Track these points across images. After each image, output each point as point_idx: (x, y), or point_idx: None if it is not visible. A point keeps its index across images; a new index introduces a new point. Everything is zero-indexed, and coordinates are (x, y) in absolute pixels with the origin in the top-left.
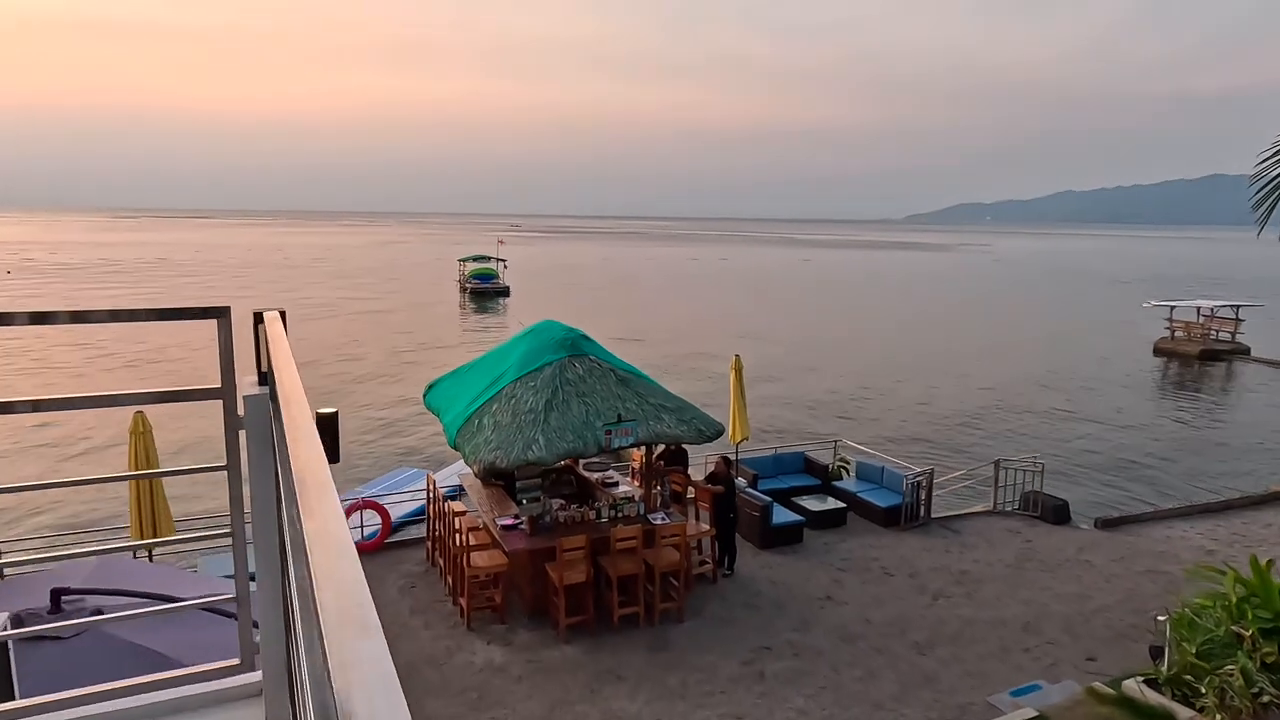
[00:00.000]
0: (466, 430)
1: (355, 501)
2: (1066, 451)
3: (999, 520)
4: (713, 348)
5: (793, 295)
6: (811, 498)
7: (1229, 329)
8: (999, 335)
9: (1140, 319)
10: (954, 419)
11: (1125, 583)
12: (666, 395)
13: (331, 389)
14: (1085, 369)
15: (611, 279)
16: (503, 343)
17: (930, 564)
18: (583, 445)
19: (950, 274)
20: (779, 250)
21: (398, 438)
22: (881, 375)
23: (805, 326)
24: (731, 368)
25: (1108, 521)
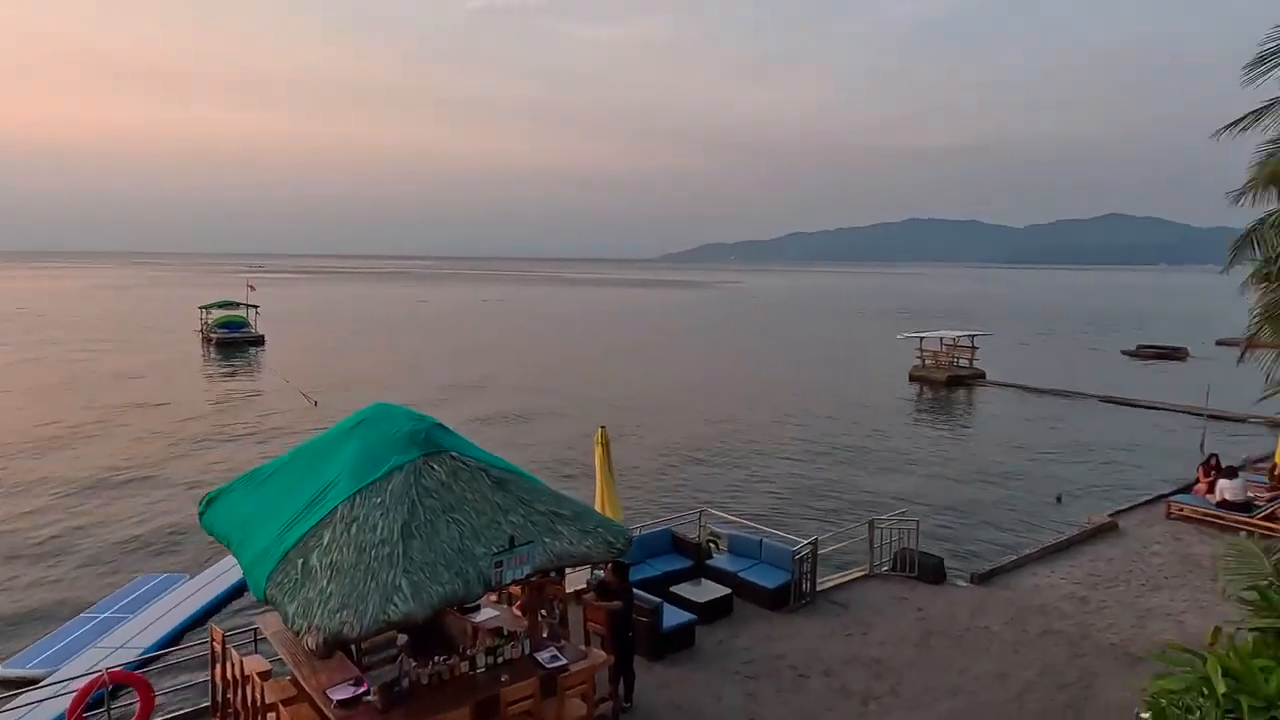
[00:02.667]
0: (284, 576)
1: (97, 677)
2: (873, 493)
3: (879, 585)
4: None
5: (569, 334)
6: (690, 585)
7: (967, 356)
8: (775, 371)
9: (893, 348)
10: (743, 461)
11: (1032, 652)
12: (556, 499)
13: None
14: (857, 398)
15: (392, 323)
16: (315, 435)
17: (839, 655)
18: (464, 586)
19: (715, 310)
20: (552, 288)
21: (120, 524)
22: (681, 418)
23: (587, 370)
24: (597, 441)
25: (981, 576)
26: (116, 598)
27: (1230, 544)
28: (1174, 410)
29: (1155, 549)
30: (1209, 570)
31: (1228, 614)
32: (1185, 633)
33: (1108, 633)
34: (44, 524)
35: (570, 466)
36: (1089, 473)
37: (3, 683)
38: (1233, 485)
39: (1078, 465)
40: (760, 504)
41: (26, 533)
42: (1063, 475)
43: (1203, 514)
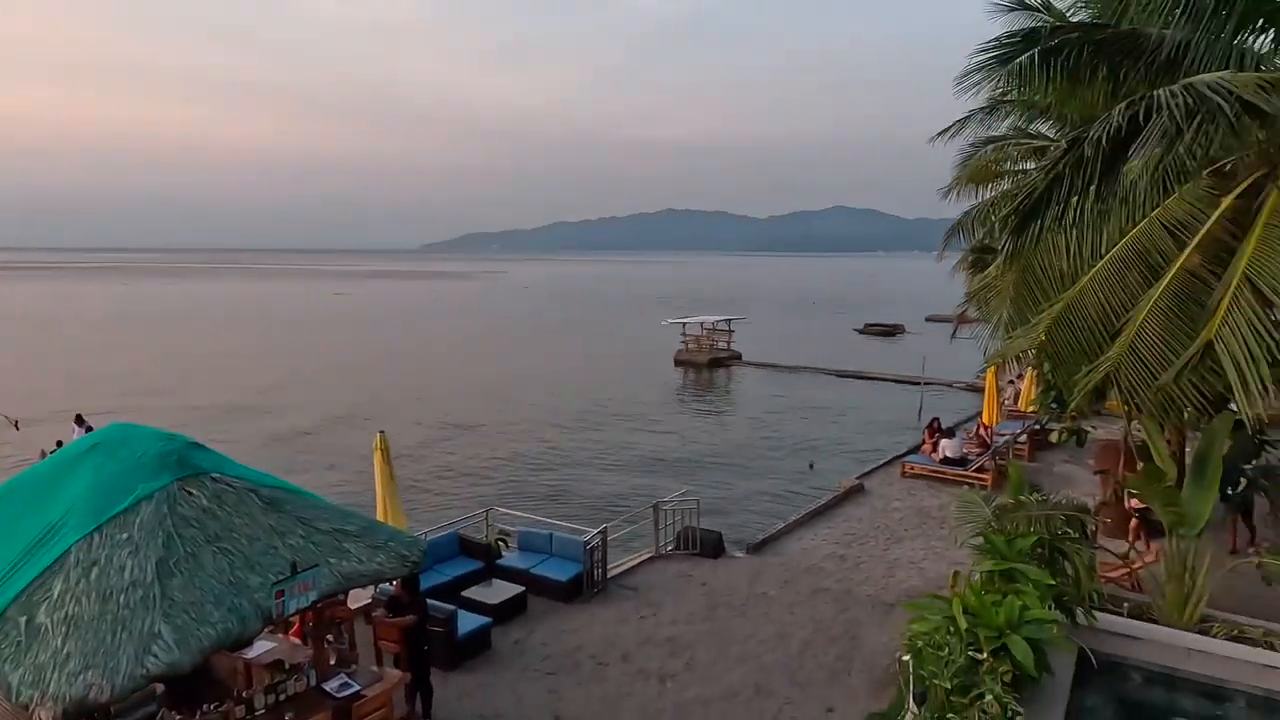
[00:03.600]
0: (3, 638)
1: None
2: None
3: (665, 565)
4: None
5: (327, 332)
6: (482, 587)
7: (725, 339)
8: (547, 361)
9: (658, 333)
10: (538, 453)
11: (805, 611)
12: (340, 515)
13: None
14: (628, 384)
15: (107, 322)
16: (32, 464)
17: (634, 638)
18: (240, 623)
19: (481, 302)
20: (302, 283)
21: None
22: (456, 416)
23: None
24: (376, 447)
25: (755, 546)
26: None
27: (956, 496)
28: (898, 380)
29: (895, 505)
30: (939, 520)
31: (959, 558)
32: (926, 578)
33: (865, 585)
34: None
35: (343, 475)
36: (835, 440)
37: None
38: (952, 444)
39: (825, 434)
40: (545, 497)
41: None
42: (813, 444)
43: (929, 471)
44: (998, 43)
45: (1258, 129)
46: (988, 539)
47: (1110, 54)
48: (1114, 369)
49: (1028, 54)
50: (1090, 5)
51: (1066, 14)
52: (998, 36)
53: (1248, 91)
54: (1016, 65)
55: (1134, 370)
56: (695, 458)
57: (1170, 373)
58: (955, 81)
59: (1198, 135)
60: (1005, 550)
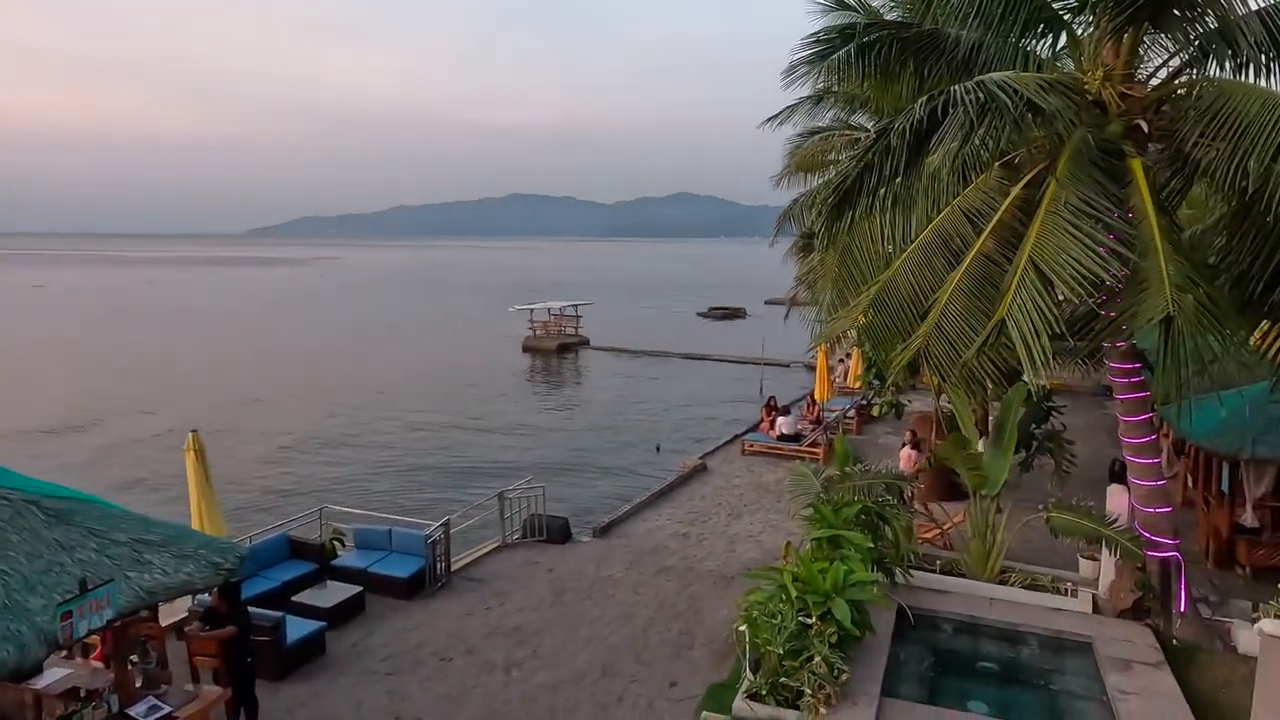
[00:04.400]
0: None
1: None
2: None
3: (511, 554)
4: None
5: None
6: (315, 590)
7: (573, 325)
8: (385, 351)
9: (506, 320)
10: (378, 448)
11: (650, 590)
12: (141, 524)
13: None
14: (474, 373)
15: None
16: None
17: (479, 630)
18: (18, 651)
19: (312, 291)
20: (105, 271)
21: None
22: (287, 411)
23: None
24: (188, 448)
25: (601, 529)
26: None
27: (789, 470)
28: (739, 361)
29: (736, 482)
30: (776, 494)
31: (794, 529)
32: (765, 550)
33: (707, 561)
34: None
35: (158, 480)
36: (680, 421)
37: None
38: (788, 420)
39: (670, 416)
40: (385, 493)
41: None
42: (659, 426)
43: (767, 448)
44: (818, 38)
45: (1039, 125)
46: (817, 509)
47: (916, 51)
48: (924, 346)
49: (845, 49)
50: (899, 5)
51: (879, 13)
52: (818, 31)
53: (1030, 90)
54: (836, 59)
55: (941, 347)
56: (543, 444)
57: (972, 349)
58: (782, 75)
59: (989, 130)
60: (832, 519)
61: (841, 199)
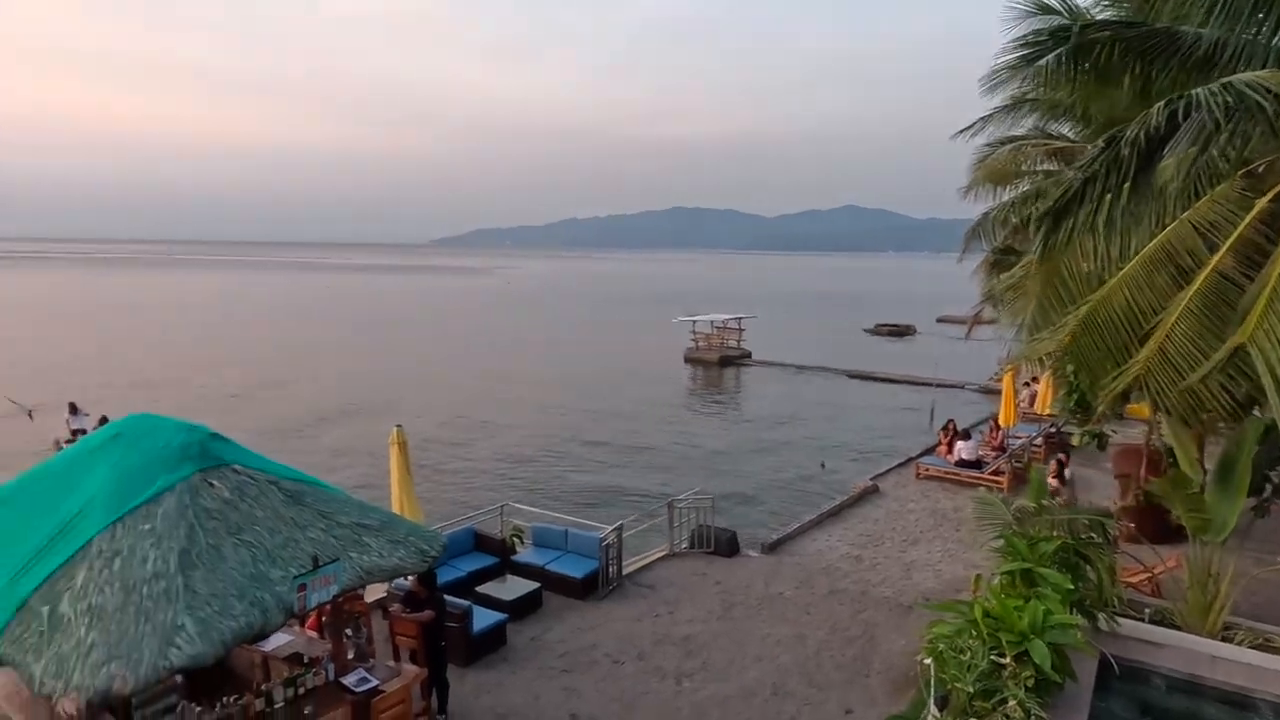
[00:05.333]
0: (25, 628)
1: None
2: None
3: (679, 563)
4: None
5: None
6: (497, 583)
7: (735, 338)
8: (559, 357)
9: (667, 332)
10: (556, 453)
11: (821, 612)
12: (360, 508)
13: None
14: (637, 383)
15: (111, 312)
16: (37, 451)
17: (650, 637)
18: (262, 616)
19: (493, 298)
20: (310, 275)
21: None
22: (470, 411)
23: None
24: (393, 441)
25: (771, 545)
26: None
27: (974, 499)
28: (908, 382)
29: (910, 507)
30: (954, 522)
31: (976, 560)
32: (943, 580)
33: (881, 587)
34: None
35: (358, 470)
36: (845, 441)
37: None
38: (968, 445)
39: (835, 434)
40: (558, 493)
41: None
42: (823, 444)
43: (944, 473)
44: (1026, 40)
45: None
46: (1009, 541)
47: (1142, 52)
48: (1143, 371)
49: (1055, 53)
50: (1116, 5)
51: (1085, 14)
52: (1024, 35)
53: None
54: (1043, 64)
55: (1163, 373)
56: (706, 456)
57: (1198, 374)
58: (981, 81)
59: (1234, 135)
60: (1027, 553)
61: (1061, 211)
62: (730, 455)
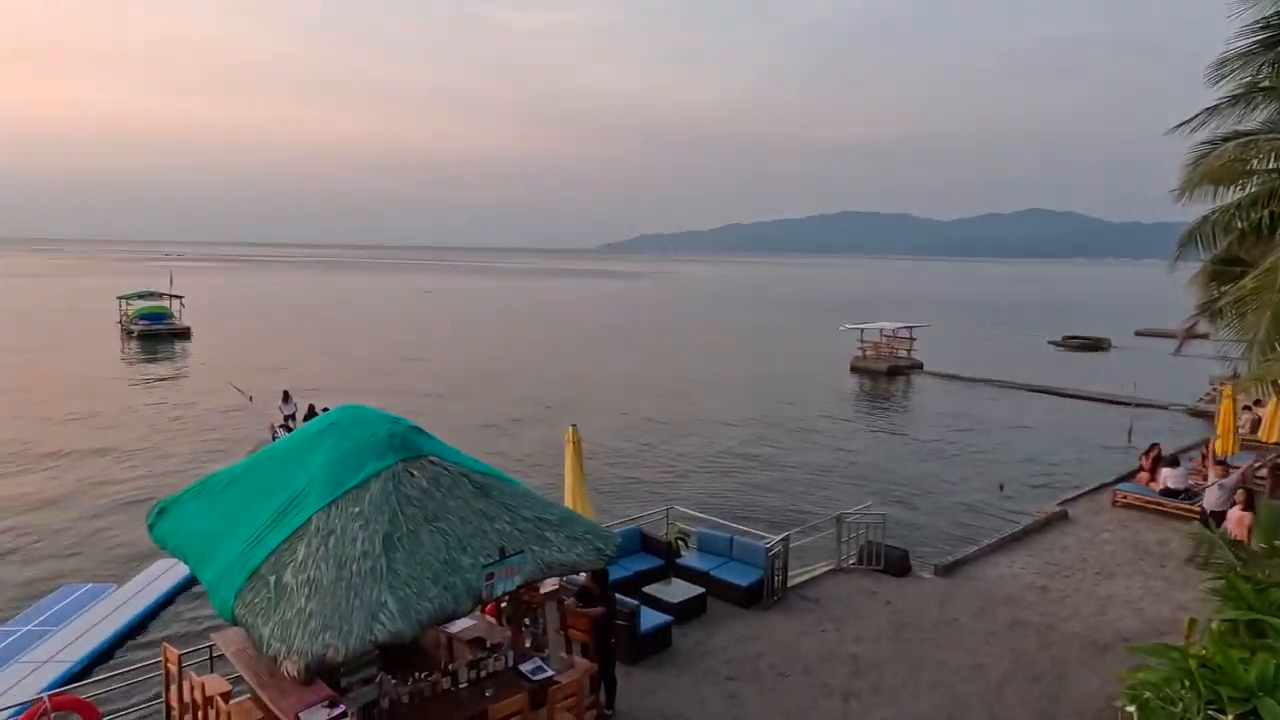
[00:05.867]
0: (255, 594)
1: (37, 704)
2: (821, 481)
3: (847, 579)
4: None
5: (532, 327)
6: (662, 585)
7: (906, 347)
8: (722, 362)
9: (834, 339)
10: (713, 452)
11: (1003, 643)
12: (542, 504)
13: None
14: (801, 390)
15: (313, 314)
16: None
17: (816, 651)
18: (453, 600)
19: (661, 301)
20: (488, 279)
21: (41, 533)
22: (636, 412)
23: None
24: (568, 440)
25: (945, 568)
26: (38, 610)
27: (1190, 534)
28: (1101, 400)
29: (1105, 537)
30: (1158, 556)
31: (1184, 600)
32: (1145, 620)
33: (1072, 621)
34: None
35: (524, 463)
36: (1026, 461)
37: None
38: (1175, 473)
39: (1014, 454)
40: (721, 499)
41: None
42: (1000, 464)
43: (1147, 502)
44: (1267, 23)
45: None
46: (1231, 584)
47: None
48: None
49: None
50: None
51: None
52: (1266, 16)
53: None
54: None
55: None
56: (872, 470)
57: None
58: (1209, 70)
59: None
60: (1254, 600)
61: None
62: (898, 470)
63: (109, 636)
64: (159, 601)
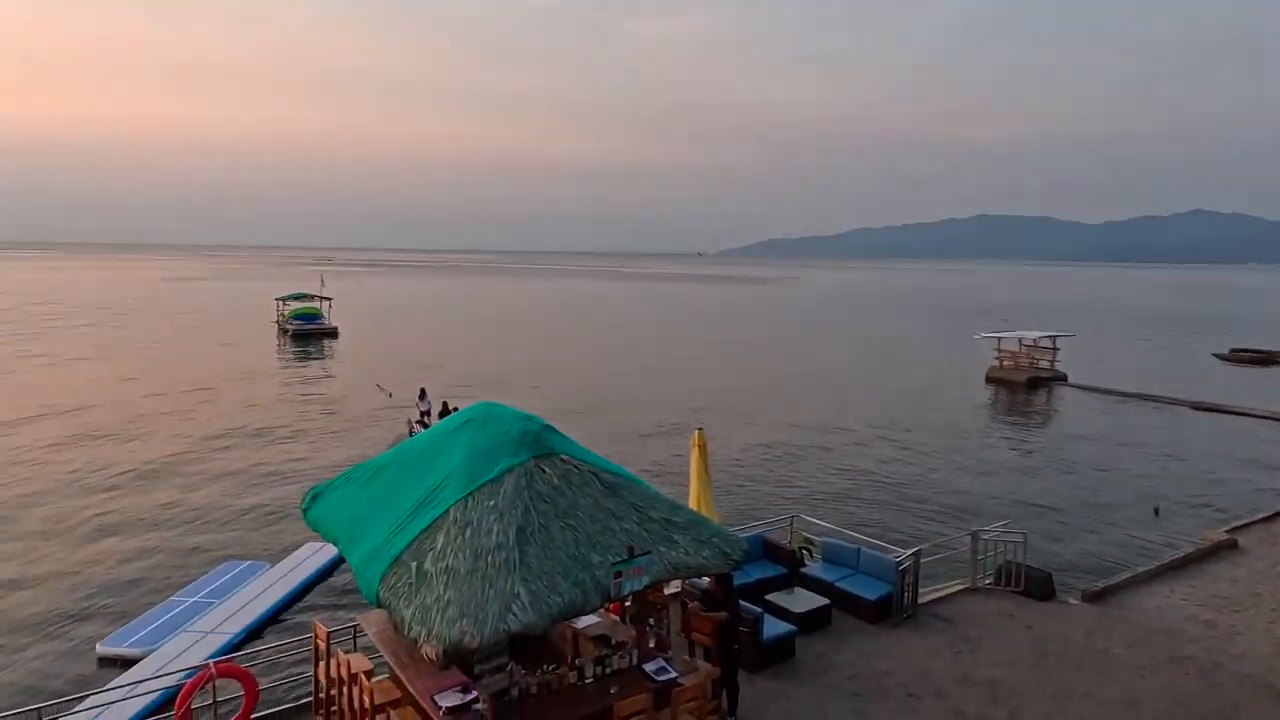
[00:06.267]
0: (397, 578)
1: (205, 671)
2: (954, 499)
3: (983, 600)
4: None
5: (651, 331)
6: (785, 594)
7: (1048, 357)
8: (847, 369)
9: (968, 348)
10: (854, 463)
11: (1161, 679)
12: (669, 506)
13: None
14: (933, 401)
15: (450, 313)
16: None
17: (949, 674)
18: (582, 596)
19: (780, 307)
20: (613, 283)
21: (209, 516)
22: (760, 418)
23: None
24: (694, 444)
25: (1094, 594)
26: (203, 583)
27: None
28: (1275, 419)
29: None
30: None
31: None
32: None
33: (1244, 661)
34: (124, 509)
35: (646, 464)
36: (1185, 484)
37: (103, 660)
38: None
39: (1171, 475)
40: (846, 508)
41: (112, 514)
42: (1157, 486)
43: None
44: None
45: None
46: None
47: None
48: None
49: None
50: None
51: None
52: None
53: None
54: None
55: None
56: (1010, 486)
57: None
58: None
59: None
60: None
61: None
62: (1037, 488)
63: (264, 611)
64: (307, 582)
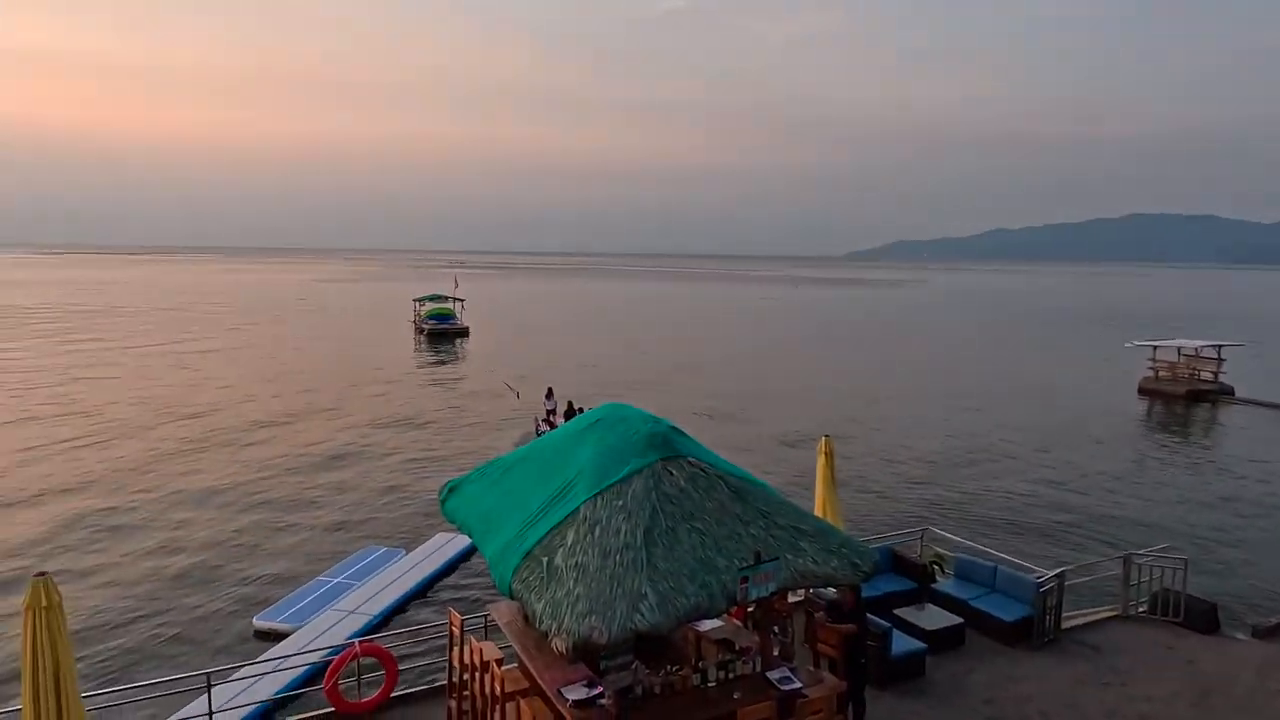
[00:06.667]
0: (529, 572)
1: (350, 649)
2: (1110, 519)
3: (1135, 629)
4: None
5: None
6: (914, 609)
7: (1211, 369)
8: (982, 378)
9: (1118, 356)
10: (988, 471)
11: None
12: (796, 513)
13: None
14: (1079, 413)
15: (576, 315)
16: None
17: (1097, 707)
18: (708, 599)
19: (910, 312)
20: (739, 287)
21: (352, 501)
22: (890, 426)
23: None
24: (820, 450)
25: (1268, 630)
26: (345, 565)
27: None
28: None
29: None
30: None
31: None
32: None
33: None
34: (275, 491)
35: (771, 469)
36: None
37: (258, 633)
38: None
39: None
40: (982, 522)
41: (266, 494)
42: None
43: None
44: None
45: None
46: None
47: None
48: None
49: None
50: None
51: None
52: None
53: None
54: None
55: None
56: (1166, 508)
57: None
58: None
59: None
60: None
61: None
62: (1197, 511)
63: (401, 595)
64: (440, 570)
